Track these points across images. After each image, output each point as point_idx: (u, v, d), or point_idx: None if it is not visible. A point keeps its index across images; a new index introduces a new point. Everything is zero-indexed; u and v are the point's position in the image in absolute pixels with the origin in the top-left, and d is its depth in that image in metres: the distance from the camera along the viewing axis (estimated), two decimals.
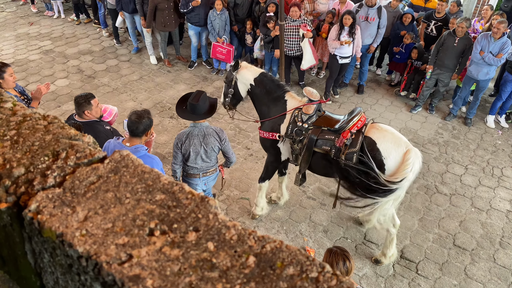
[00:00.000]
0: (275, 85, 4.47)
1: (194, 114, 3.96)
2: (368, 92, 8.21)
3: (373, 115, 7.46)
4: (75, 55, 9.03)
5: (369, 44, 7.60)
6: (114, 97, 7.56)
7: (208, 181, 4.39)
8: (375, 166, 3.95)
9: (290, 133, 4.35)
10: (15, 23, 10.55)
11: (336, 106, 7.68)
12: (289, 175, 5.62)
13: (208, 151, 4.12)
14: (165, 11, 7.96)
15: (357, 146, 4.08)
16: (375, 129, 4.16)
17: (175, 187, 0.80)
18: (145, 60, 8.99)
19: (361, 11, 7.36)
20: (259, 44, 8.06)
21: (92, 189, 0.79)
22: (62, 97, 7.51)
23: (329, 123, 4.30)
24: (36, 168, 0.83)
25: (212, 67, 8.74)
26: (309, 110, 4.30)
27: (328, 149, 4.22)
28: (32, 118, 0.96)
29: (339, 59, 7.27)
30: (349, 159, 4.11)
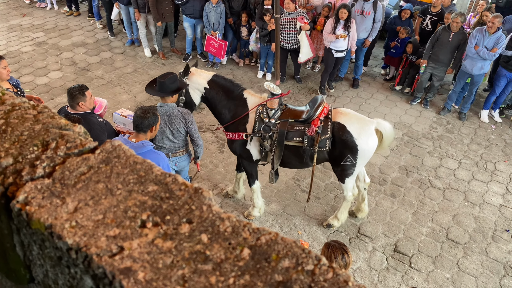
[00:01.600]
0: (231, 84, 4.40)
1: (159, 91, 3.97)
2: (363, 86, 8.20)
3: (368, 109, 7.46)
4: (69, 47, 8.93)
5: (364, 38, 7.58)
6: (108, 90, 7.50)
7: (179, 161, 4.34)
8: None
9: (258, 131, 4.31)
10: (7, 14, 10.41)
11: (331, 100, 7.67)
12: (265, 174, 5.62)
13: (174, 131, 4.11)
14: (164, 2, 7.91)
15: (329, 132, 4.20)
16: (340, 113, 4.32)
17: (168, 178, 0.78)
18: (139, 53, 8.91)
19: (356, 5, 7.33)
20: (254, 37, 8.02)
21: (83, 180, 0.77)
22: (56, 90, 7.44)
23: (295, 114, 4.35)
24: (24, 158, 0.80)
25: (207, 60, 8.69)
26: (273, 104, 4.29)
27: (300, 139, 4.27)
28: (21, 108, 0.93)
29: (334, 53, 7.25)
30: (322, 146, 4.23)
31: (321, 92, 7.76)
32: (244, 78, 8.18)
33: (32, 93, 7.10)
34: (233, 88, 4.38)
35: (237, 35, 8.42)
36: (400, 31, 7.75)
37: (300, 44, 7.42)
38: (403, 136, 6.81)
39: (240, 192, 5.29)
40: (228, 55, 8.80)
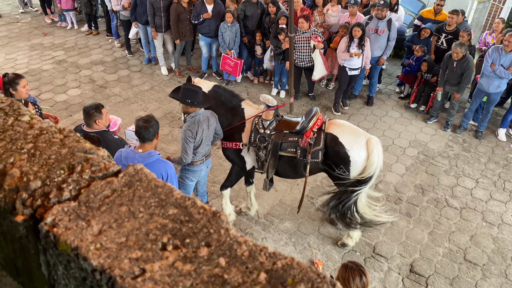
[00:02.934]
0: (230, 95, 4.55)
1: (202, 102, 4.13)
2: (377, 104, 8.20)
3: (382, 127, 7.44)
4: (87, 65, 9.16)
5: (378, 56, 7.61)
6: (125, 107, 7.64)
7: (208, 163, 4.61)
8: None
9: (253, 141, 4.43)
10: (30, 33, 10.74)
11: (345, 117, 7.68)
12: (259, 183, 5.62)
13: (211, 131, 4.33)
14: (185, 21, 8.09)
15: (321, 144, 4.29)
16: (333, 125, 4.40)
17: (187, 201, 0.81)
18: (156, 71, 9.08)
19: (371, 23, 7.38)
20: (269, 55, 8.11)
21: (107, 203, 0.81)
22: (74, 107, 7.61)
23: (289, 126, 4.46)
24: (52, 181, 0.85)
25: (221, 78, 8.81)
26: (268, 116, 4.40)
27: (294, 150, 4.37)
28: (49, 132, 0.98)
29: (348, 71, 7.29)
30: (315, 157, 4.30)
31: (335, 110, 7.78)
32: (258, 95, 8.24)
33: (50, 110, 7.29)
34: (231, 99, 4.52)
35: (252, 53, 8.54)
36: (415, 49, 7.76)
37: (314, 62, 7.49)
38: (419, 155, 6.76)
39: (253, 208, 5.31)
40: (243, 73, 8.91)
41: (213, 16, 7.94)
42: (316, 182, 5.95)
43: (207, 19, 7.94)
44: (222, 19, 7.98)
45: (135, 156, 3.39)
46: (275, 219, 5.34)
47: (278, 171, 4.61)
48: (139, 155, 3.39)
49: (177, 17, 8.01)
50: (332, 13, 8.18)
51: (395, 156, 6.67)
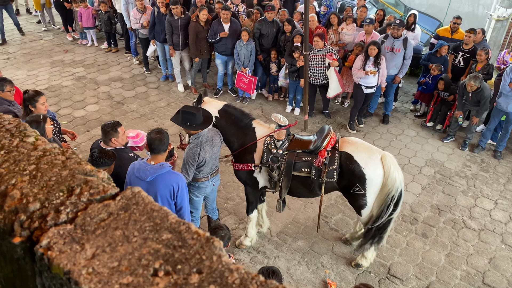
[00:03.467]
0: (240, 114, 4.52)
1: (200, 125, 4.10)
2: (393, 122, 8.13)
3: (398, 146, 7.36)
4: (106, 82, 9.34)
5: (394, 74, 7.57)
6: (142, 123, 7.74)
7: (215, 180, 4.57)
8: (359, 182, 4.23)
9: (266, 162, 4.39)
10: (51, 50, 11.05)
11: (360, 135, 7.62)
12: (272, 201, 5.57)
13: (216, 151, 4.33)
14: (202, 40, 8.23)
15: (336, 163, 4.25)
16: (347, 143, 4.36)
17: (182, 226, 0.81)
18: (173, 88, 9.21)
19: (386, 42, 7.37)
20: (283, 72, 8.16)
21: (102, 226, 0.81)
22: (92, 122, 7.75)
23: (302, 145, 4.42)
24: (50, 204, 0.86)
25: (237, 95, 8.87)
26: (280, 135, 4.37)
27: (308, 170, 4.31)
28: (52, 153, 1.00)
29: (364, 89, 7.27)
30: (330, 177, 4.27)
31: (351, 128, 7.74)
32: (273, 112, 8.26)
33: (68, 125, 7.43)
34: (242, 118, 4.49)
35: (267, 71, 8.59)
36: (432, 68, 7.71)
37: (329, 79, 7.50)
38: (435, 174, 6.64)
39: (265, 225, 5.28)
40: (258, 90, 8.96)
41: (229, 35, 8.05)
42: (330, 200, 5.89)
43: (223, 38, 8.06)
44: (238, 37, 8.08)
45: (147, 168, 3.43)
46: (288, 238, 5.29)
47: (292, 191, 4.57)
48: (151, 167, 3.43)
49: (196, 35, 8.14)
50: (347, 31, 8.20)
51: (411, 176, 6.57)
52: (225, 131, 4.50)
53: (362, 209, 4.43)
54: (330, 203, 5.87)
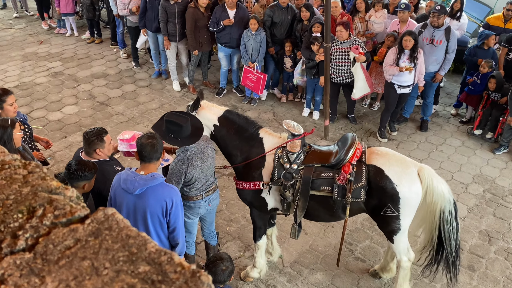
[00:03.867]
0: (245, 122, 4.48)
1: (188, 139, 4.07)
2: (433, 130, 8.08)
3: (439, 158, 7.31)
4: (87, 79, 9.45)
5: (434, 71, 7.55)
6: (129, 128, 7.79)
7: (211, 200, 4.51)
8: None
9: (277, 179, 4.33)
10: (23, 41, 11.23)
11: (393, 145, 7.59)
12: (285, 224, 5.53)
13: (209, 164, 4.30)
14: (202, 29, 8.31)
15: (363, 180, 4.20)
16: (375, 154, 4.33)
17: (162, 256, 0.81)
18: (167, 86, 9.28)
19: (425, 32, 7.36)
20: (300, 68, 8.17)
21: (67, 256, 0.81)
22: (69, 127, 7.83)
23: (321, 158, 4.38)
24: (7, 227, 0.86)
25: (243, 95, 8.91)
26: (294, 147, 4.30)
27: (329, 189, 4.27)
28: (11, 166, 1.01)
29: (397, 89, 7.25)
30: (356, 197, 4.22)
31: (381, 135, 7.71)
32: (287, 116, 8.29)
33: (41, 130, 7.52)
34: (247, 126, 4.47)
35: (280, 66, 8.62)
36: (481, 64, 7.66)
37: (354, 77, 7.50)
38: (485, 193, 6.58)
39: (275, 252, 5.26)
40: (269, 90, 8.98)
41: (235, 23, 8.11)
42: (355, 224, 5.86)
43: (228, 27, 8.12)
44: (246, 26, 8.14)
45: (135, 178, 3.43)
46: (304, 269, 5.26)
47: (309, 214, 4.51)
48: (140, 178, 3.44)
49: (194, 24, 8.21)
50: (376, 19, 8.21)
51: (455, 195, 6.49)
52: (226, 142, 4.48)
53: (395, 234, 4.39)
54: (356, 227, 5.83)
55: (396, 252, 4.55)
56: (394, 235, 4.41)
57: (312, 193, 4.32)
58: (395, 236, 4.41)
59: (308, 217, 4.63)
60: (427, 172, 4.21)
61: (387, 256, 5.02)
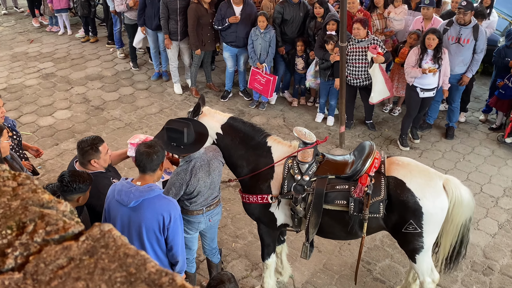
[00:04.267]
0: (251, 129, 4.48)
1: (192, 146, 4.09)
2: (460, 137, 8.05)
3: (467, 168, 7.27)
4: (81, 81, 9.52)
5: (461, 73, 7.53)
6: (126, 135, 7.83)
7: (213, 215, 4.52)
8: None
9: (287, 192, 4.32)
10: (12, 40, 11.34)
11: (415, 154, 7.56)
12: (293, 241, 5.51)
13: (215, 178, 4.31)
14: (206, 26, 8.36)
15: (382, 193, 4.18)
16: (396, 165, 4.33)
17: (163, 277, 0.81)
18: (168, 89, 9.33)
19: (450, 30, 7.35)
20: (313, 70, 8.19)
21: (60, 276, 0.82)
22: (61, 133, 7.87)
23: (336, 169, 4.36)
24: None
25: (251, 99, 8.93)
26: (306, 156, 4.29)
27: (344, 203, 4.24)
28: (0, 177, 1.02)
29: (420, 92, 7.24)
30: (375, 212, 4.20)
31: (402, 144, 7.69)
32: (298, 122, 8.30)
33: (31, 137, 7.57)
34: (253, 134, 4.47)
35: (291, 68, 8.65)
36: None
37: (372, 79, 7.49)
38: None
39: (285, 272, 5.24)
40: (278, 93, 9.00)
41: (241, 20, 8.15)
42: (374, 241, 5.84)
43: (233, 24, 8.16)
44: (254, 24, 8.17)
45: (131, 189, 3.44)
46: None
47: (323, 230, 4.49)
48: (135, 189, 3.44)
49: (197, 21, 8.26)
50: (395, 16, 8.21)
51: (484, 209, 6.47)
52: (231, 152, 4.48)
53: (418, 253, 4.37)
54: (374, 245, 5.81)
55: (419, 272, 4.52)
56: (416, 254, 4.38)
57: (325, 208, 4.30)
58: (417, 255, 4.38)
59: (322, 234, 4.61)
60: (453, 184, 4.19)
61: (409, 277, 4.99)
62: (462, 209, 4.19)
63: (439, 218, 4.20)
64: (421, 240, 4.27)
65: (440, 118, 8.46)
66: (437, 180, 4.22)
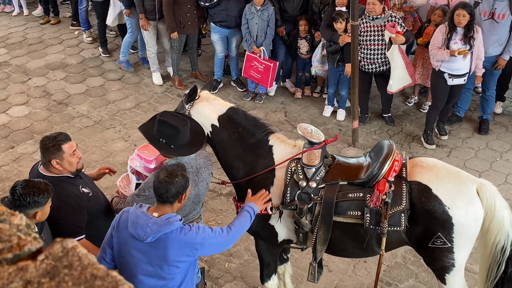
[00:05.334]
0: (253, 124, 4.50)
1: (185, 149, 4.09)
2: (496, 132, 8.07)
3: (504, 170, 7.27)
4: (41, 71, 9.48)
5: (496, 55, 7.53)
6: (96, 134, 7.81)
7: None
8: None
9: (290, 201, 4.30)
10: None
11: (442, 153, 7.57)
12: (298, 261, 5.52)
13: (201, 190, 4.28)
14: (186, 5, 8.35)
15: (404, 201, 4.15)
16: (420, 167, 4.31)
17: None
18: (145, 79, 9.31)
19: (483, 4, 7.35)
20: (319, 54, 8.16)
21: None
22: (18, 134, 7.84)
23: (348, 173, 4.36)
24: None
25: (245, 90, 8.93)
26: (313, 158, 4.26)
27: (359, 214, 4.22)
28: None
29: (448, 79, 7.22)
30: (395, 224, 4.17)
31: (427, 141, 7.69)
32: (303, 117, 8.28)
33: None
34: (254, 130, 4.48)
35: (293, 52, 8.64)
36: None
37: (391, 64, 7.48)
38: None
39: None
40: (279, 82, 8.99)
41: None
42: (395, 258, 5.85)
43: (223, 0, 8.16)
44: (248, 0, 8.15)
45: (147, 222, 3.44)
46: None
47: (333, 247, 4.46)
48: (153, 222, 3.45)
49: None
50: None
51: None
52: (226, 150, 4.49)
53: (448, 273, 4.35)
54: (396, 262, 5.82)
55: None
56: (446, 274, 4.37)
57: (336, 220, 4.29)
58: (447, 274, 4.37)
59: (332, 252, 4.61)
60: (489, 191, 4.17)
61: None
62: (493, 223, 4.14)
63: (473, 230, 4.17)
64: (452, 256, 4.26)
65: (472, 109, 8.45)
66: (470, 184, 4.20)
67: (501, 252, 4.19)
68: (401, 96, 8.80)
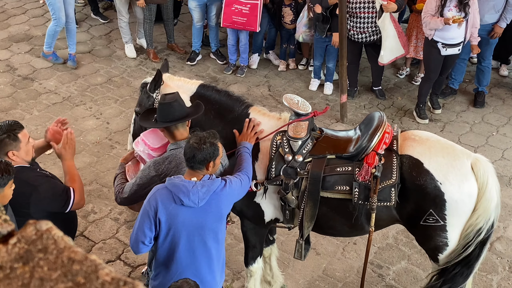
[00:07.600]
0: (228, 98, 4.53)
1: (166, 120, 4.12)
2: (492, 104, 8.12)
3: (501, 145, 7.33)
4: (3, 43, 9.37)
5: (493, 23, 7.56)
6: (65, 112, 7.74)
7: None
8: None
9: (275, 176, 4.33)
10: None
11: (437, 127, 7.62)
12: None
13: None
14: None
15: (394, 175, 4.18)
16: (411, 140, 4.35)
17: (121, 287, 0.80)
18: (117, 52, 9.24)
19: None
20: (306, 18, 8.08)
21: None
22: None
23: (336, 146, 4.40)
24: None
25: (226, 62, 8.90)
26: (299, 131, 4.29)
27: (347, 188, 4.26)
28: None
29: (441, 49, 7.24)
30: (384, 199, 4.21)
31: (420, 115, 7.73)
32: (288, 91, 8.26)
33: None
34: (232, 105, 4.51)
35: (277, 21, 8.60)
36: None
37: (382, 34, 7.48)
38: None
39: (276, 281, 5.28)
40: (261, 54, 8.96)
41: None
42: (386, 239, 5.90)
43: None
44: None
45: (195, 187, 3.64)
46: None
47: (321, 225, 4.51)
48: (200, 184, 3.66)
49: None
50: None
51: None
52: (204, 129, 4.48)
53: (440, 252, 4.41)
54: (387, 244, 5.87)
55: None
56: (439, 253, 4.42)
57: (323, 195, 4.32)
58: (440, 254, 4.42)
59: (320, 230, 4.65)
60: (483, 167, 4.19)
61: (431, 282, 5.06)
62: (481, 203, 4.17)
63: (467, 208, 4.20)
64: (445, 235, 4.30)
65: (467, 81, 8.50)
66: (464, 159, 4.22)
67: (476, 233, 4.22)
68: (392, 68, 8.82)
